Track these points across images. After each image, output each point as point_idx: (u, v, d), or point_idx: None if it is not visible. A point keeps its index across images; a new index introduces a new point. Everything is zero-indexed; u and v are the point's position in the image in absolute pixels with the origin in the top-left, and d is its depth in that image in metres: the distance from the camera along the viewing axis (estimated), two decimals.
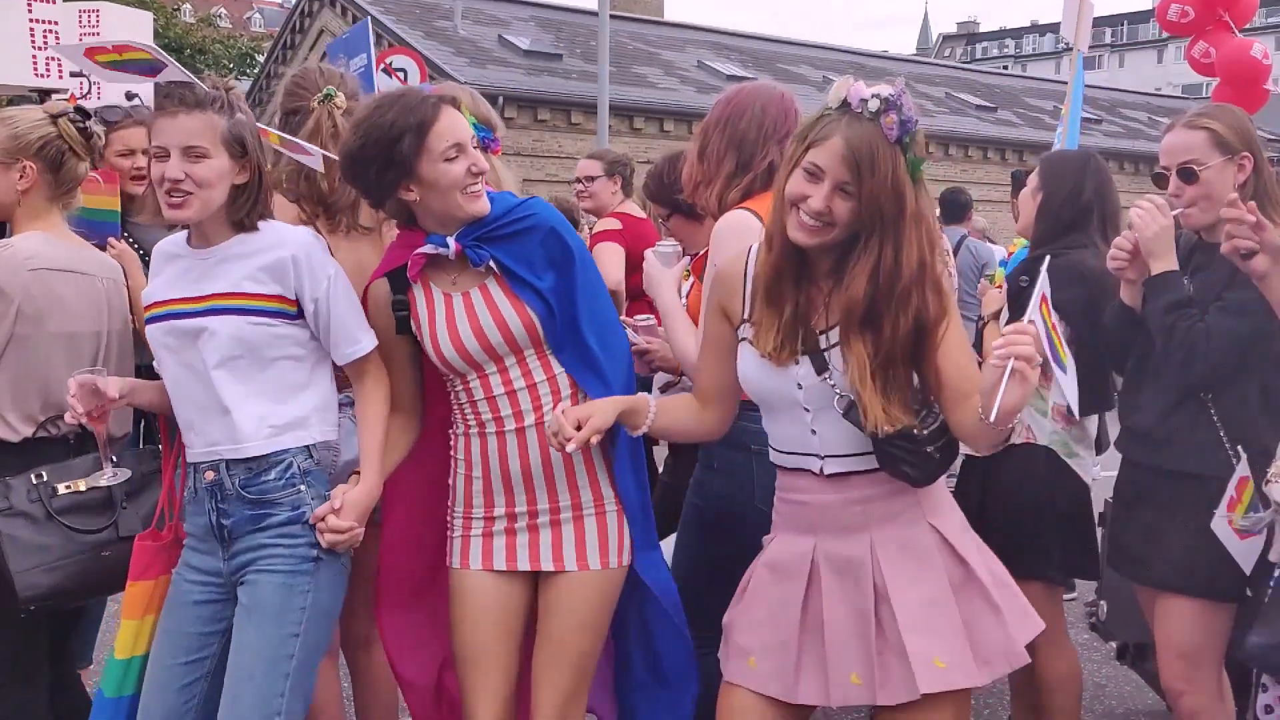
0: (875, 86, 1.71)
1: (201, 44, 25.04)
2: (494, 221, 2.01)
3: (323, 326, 2.03)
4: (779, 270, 1.80)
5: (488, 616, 2.05)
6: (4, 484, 2.16)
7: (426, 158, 1.93)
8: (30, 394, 2.19)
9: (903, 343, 1.74)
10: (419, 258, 2.01)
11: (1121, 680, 3.64)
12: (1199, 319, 2.20)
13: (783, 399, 1.85)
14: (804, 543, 1.86)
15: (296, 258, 2.00)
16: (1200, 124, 2.29)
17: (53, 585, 2.12)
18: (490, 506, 2.07)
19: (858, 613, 1.79)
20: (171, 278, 2.03)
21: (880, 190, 1.69)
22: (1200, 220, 2.31)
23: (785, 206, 1.76)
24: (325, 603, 2.02)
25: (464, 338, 2.01)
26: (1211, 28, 5.91)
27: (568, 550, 2.04)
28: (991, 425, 1.62)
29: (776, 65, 22.08)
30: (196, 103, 1.94)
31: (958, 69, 30.35)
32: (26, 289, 2.17)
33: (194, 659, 2.00)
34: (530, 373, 2.03)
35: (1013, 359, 1.55)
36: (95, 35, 5.43)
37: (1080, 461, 2.64)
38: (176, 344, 1.99)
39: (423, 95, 1.98)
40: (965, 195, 7.67)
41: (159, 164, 1.93)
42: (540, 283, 2.00)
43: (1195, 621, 2.27)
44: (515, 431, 2.03)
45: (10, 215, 2.30)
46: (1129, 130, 24.47)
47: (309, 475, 2.03)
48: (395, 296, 2.06)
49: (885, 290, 1.72)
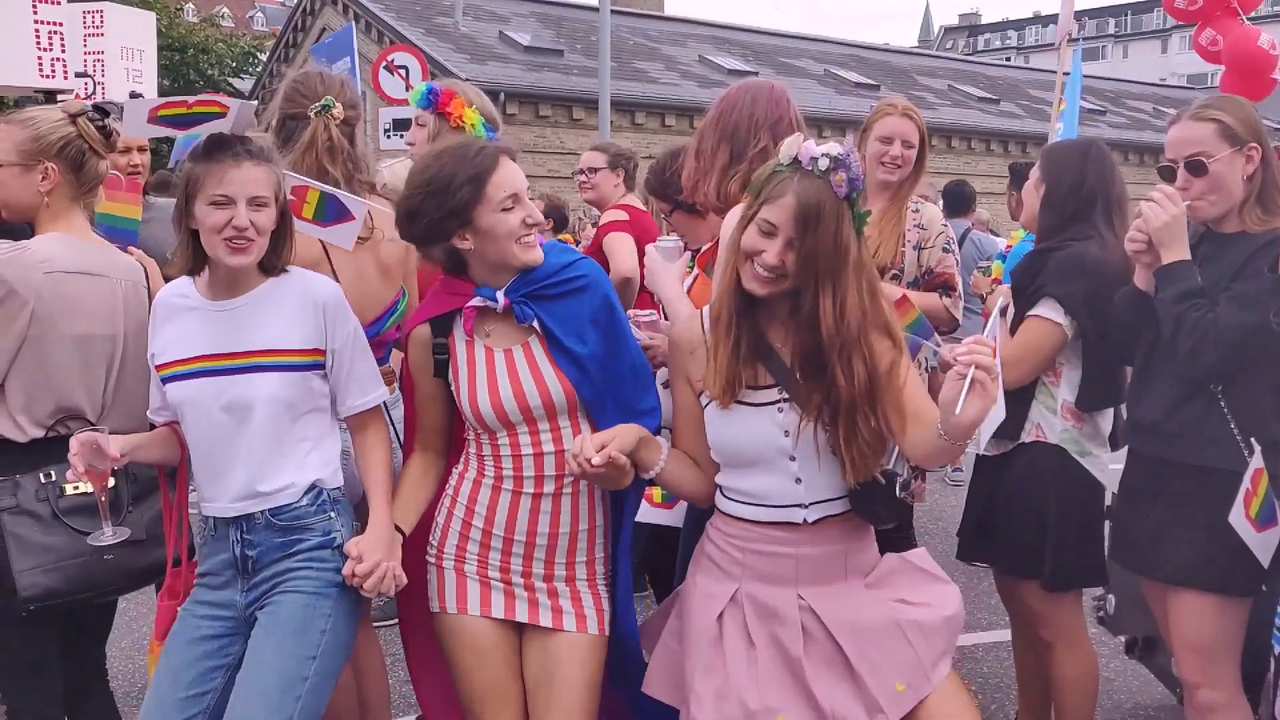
0: (825, 146, 1.80)
1: (204, 43, 25.04)
2: (544, 279, 2.01)
3: (337, 376, 2.05)
4: (734, 309, 1.88)
5: (496, 652, 2.04)
6: (13, 482, 2.16)
7: (484, 207, 1.94)
8: (43, 396, 2.18)
9: (861, 391, 1.82)
10: (472, 310, 2.01)
11: (1130, 674, 3.63)
12: (1209, 309, 2.18)
13: (766, 450, 1.89)
14: (780, 593, 1.91)
15: (327, 307, 2.03)
16: (1208, 115, 2.26)
17: (53, 586, 2.12)
18: (484, 560, 2.06)
19: (837, 655, 1.87)
20: (193, 331, 2.02)
21: (822, 245, 1.79)
22: (1209, 213, 2.30)
23: (740, 258, 1.85)
24: (343, 633, 2.02)
25: (503, 397, 2.00)
26: (1219, 14, 5.87)
27: (566, 612, 2.04)
28: (949, 440, 1.71)
29: (778, 59, 22.04)
30: (261, 155, 1.98)
31: (960, 61, 30.27)
32: (39, 291, 2.16)
33: (195, 693, 1.98)
34: (561, 438, 2.02)
35: (973, 368, 1.60)
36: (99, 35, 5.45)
37: (1093, 460, 2.60)
38: (210, 401, 1.98)
39: (481, 145, 2.00)
40: (969, 187, 7.64)
41: (221, 211, 1.93)
42: (582, 349, 2.00)
43: (1210, 617, 2.25)
44: (533, 496, 2.02)
45: (34, 216, 2.29)
46: (1134, 121, 24.39)
47: (337, 504, 2.06)
48: (436, 340, 2.06)
49: (829, 341, 1.80)
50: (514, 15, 20.05)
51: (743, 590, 1.95)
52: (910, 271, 3.09)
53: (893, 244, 3.05)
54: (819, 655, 1.87)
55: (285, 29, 21.98)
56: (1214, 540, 2.15)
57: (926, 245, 3.11)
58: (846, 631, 1.87)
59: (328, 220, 2.27)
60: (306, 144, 2.34)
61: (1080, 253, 2.52)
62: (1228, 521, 2.09)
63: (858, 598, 1.92)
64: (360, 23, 18.88)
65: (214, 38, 25.97)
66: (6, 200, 2.29)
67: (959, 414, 1.62)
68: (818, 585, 1.91)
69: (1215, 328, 2.15)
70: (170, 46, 21.95)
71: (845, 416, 1.82)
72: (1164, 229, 2.23)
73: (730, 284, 1.88)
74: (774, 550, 1.92)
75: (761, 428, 1.89)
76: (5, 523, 2.12)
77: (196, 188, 1.94)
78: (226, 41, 26.46)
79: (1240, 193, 2.26)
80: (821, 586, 1.91)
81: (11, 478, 2.16)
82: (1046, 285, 2.53)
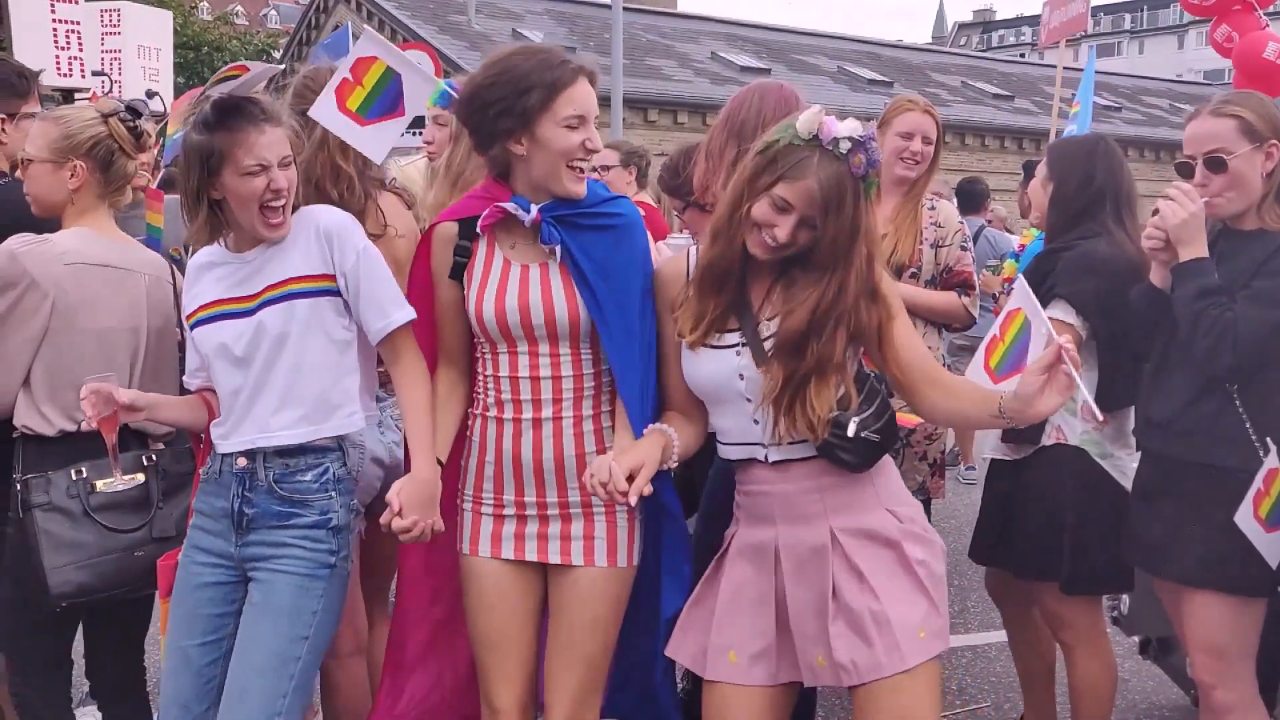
0: (846, 125, 1.78)
1: (219, 41, 25.15)
2: (579, 206, 1.97)
3: (353, 301, 2.04)
4: (724, 268, 1.88)
5: (504, 602, 2.04)
6: (45, 478, 2.18)
7: (548, 118, 1.90)
8: (67, 389, 2.20)
9: (836, 358, 1.84)
10: (497, 210, 1.99)
11: (1145, 675, 3.61)
12: (1228, 307, 2.16)
13: (725, 391, 1.91)
14: (765, 532, 1.92)
15: (327, 230, 2.02)
16: (1228, 111, 2.24)
17: (84, 583, 2.14)
18: (499, 493, 2.05)
19: (819, 599, 1.86)
20: (215, 282, 2.05)
21: (841, 230, 1.80)
22: (1228, 210, 2.28)
23: (747, 224, 1.84)
24: (334, 608, 2.05)
25: (507, 307, 1.98)
26: (1235, 9, 5.82)
27: (575, 545, 2.01)
28: (1006, 419, 1.77)
29: (791, 56, 21.98)
30: (276, 115, 1.98)
31: (974, 57, 30.09)
32: (60, 283, 2.19)
33: (210, 640, 2.02)
34: (559, 365, 2.00)
35: (1067, 363, 1.67)
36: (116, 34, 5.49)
37: (1115, 462, 2.57)
38: (227, 341, 2.01)
39: (563, 57, 1.95)
40: (981, 185, 7.61)
41: (256, 179, 1.92)
42: (601, 284, 1.96)
43: (1224, 617, 2.23)
44: (531, 422, 2.00)
45: (61, 212, 2.32)
46: (1149, 117, 24.21)
47: (340, 483, 2.06)
48: (460, 242, 2.04)
49: (819, 322, 1.83)
50: (527, 12, 20.07)
51: (739, 533, 1.97)
52: (928, 270, 3.09)
53: (910, 242, 3.05)
54: (796, 593, 1.88)
55: (299, 26, 22.06)
56: (1228, 540, 2.13)
57: (944, 243, 3.10)
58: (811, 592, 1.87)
59: (373, 115, 2.21)
60: (319, 141, 2.34)
61: (1089, 251, 2.51)
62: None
63: (826, 568, 1.87)
64: (374, 20, 18.93)
65: (228, 35, 26.10)
66: (37, 195, 2.33)
67: (1040, 405, 1.72)
68: (796, 525, 1.90)
69: (1234, 326, 2.13)
70: (185, 45, 22.05)
71: (800, 383, 1.82)
72: (1182, 226, 2.21)
73: (731, 246, 1.87)
74: (755, 489, 1.94)
75: (722, 368, 1.90)
76: (38, 520, 2.14)
77: (221, 160, 1.92)
78: (241, 39, 26.58)
79: (1259, 190, 2.24)
80: (800, 526, 1.89)
81: (44, 474, 2.18)
82: (1056, 286, 2.51)
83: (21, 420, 2.23)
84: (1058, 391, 1.70)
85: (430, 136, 3.01)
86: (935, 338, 3.17)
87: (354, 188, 2.38)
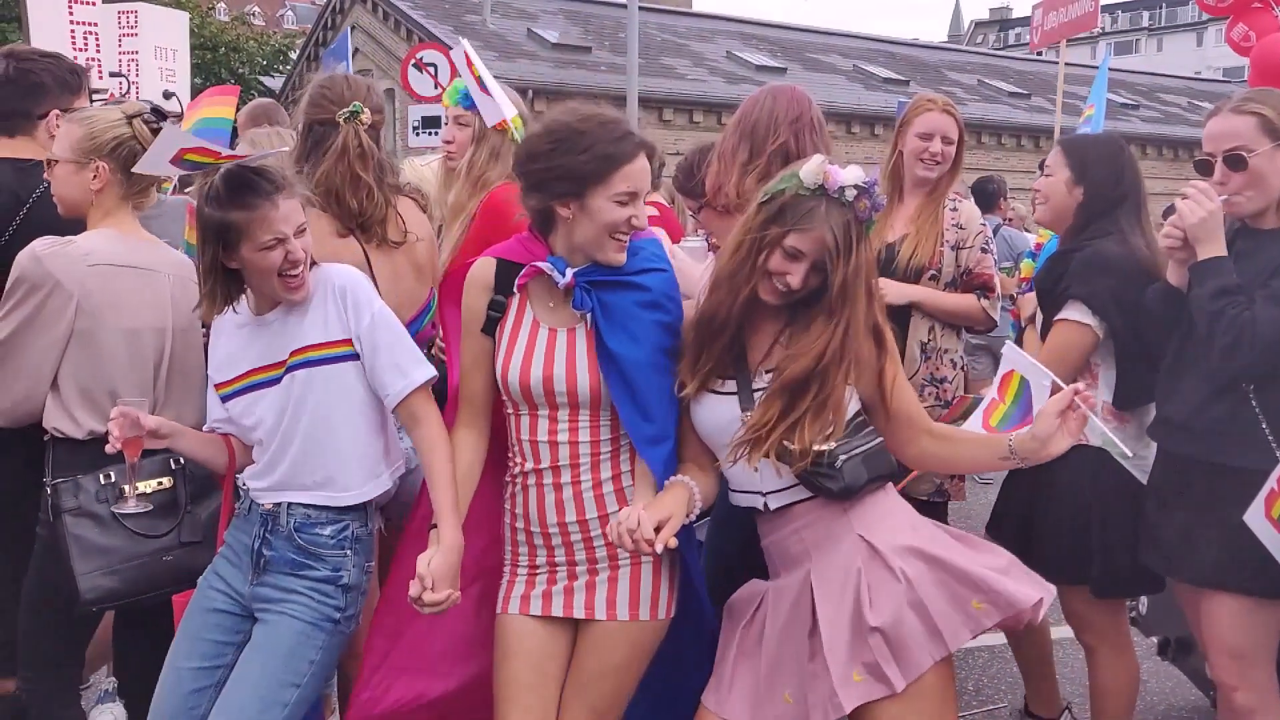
0: (849, 173, 1.87)
1: (235, 42, 25.29)
2: (615, 274, 1.98)
3: (369, 364, 2.04)
4: (724, 317, 1.92)
5: (527, 658, 2.03)
6: (74, 482, 2.18)
7: (602, 190, 1.91)
8: (96, 391, 2.22)
9: (837, 397, 1.89)
10: (534, 269, 2.00)
11: (1163, 676, 3.58)
12: (1246, 307, 2.14)
13: (727, 436, 1.94)
14: (789, 578, 1.98)
15: (341, 290, 2.03)
16: (1249, 109, 2.22)
17: (113, 587, 2.16)
18: (533, 556, 2.07)
19: (798, 638, 1.91)
20: (242, 347, 2.06)
21: (850, 275, 1.88)
22: (1247, 208, 2.26)
23: (760, 274, 1.90)
24: (329, 665, 2.07)
25: (533, 376, 1.99)
26: (1257, 5, 5.75)
27: (599, 600, 2.01)
28: (1015, 459, 1.87)
29: (806, 55, 21.93)
30: (287, 185, 1.98)
31: (990, 55, 29.95)
32: (84, 285, 2.20)
33: (207, 665, 2.02)
34: (578, 430, 2.00)
35: (1083, 406, 1.79)
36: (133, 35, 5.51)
37: (1136, 461, 2.52)
38: (261, 411, 2.03)
39: (626, 130, 1.97)
40: (994, 184, 7.57)
41: (274, 252, 1.93)
42: (624, 349, 1.95)
43: (1243, 619, 2.21)
44: (552, 486, 2.01)
45: (84, 213, 2.33)
46: (1167, 115, 24.02)
47: (359, 543, 2.08)
48: (496, 297, 2.04)
49: (825, 369, 1.88)
50: (542, 12, 20.08)
51: (775, 582, 2.00)
52: (948, 272, 3.06)
53: (931, 244, 3.02)
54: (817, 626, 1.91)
55: (316, 27, 22.15)
56: (1245, 541, 2.11)
57: (965, 245, 3.06)
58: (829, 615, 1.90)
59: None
60: (339, 151, 2.35)
61: (1101, 251, 2.49)
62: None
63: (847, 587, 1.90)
64: (389, 20, 19.00)
65: (245, 36, 26.23)
66: (62, 196, 2.34)
67: (1054, 445, 1.83)
68: (787, 570, 1.98)
69: (1253, 325, 2.11)
70: (202, 45, 22.17)
71: (795, 423, 1.86)
72: (1200, 225, 2.19)
73: (733, 296, 1.91)
74: (778, 535, 1.98)
75: (724, 413, 1.95)
76: (67, 524, 2.15)
77: (239, 236, 1.93)
78: (258, 40, 26.71)
79: (1279, 189, 2.22)
80: (787, 572, 1.97)
81: (73, 478, 2.18)
82: (1071, 287, 2.50)
83: (51, 423, 2.24)
84: (1069, 434, 1.83)
85: (450, 136, 3.00)
86: (954, 339, 3.12)
87: (373, 195, 2.38)
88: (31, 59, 2.67)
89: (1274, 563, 2.11)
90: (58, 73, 2.69)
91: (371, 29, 19.39)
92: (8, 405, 2.25)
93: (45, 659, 2.35)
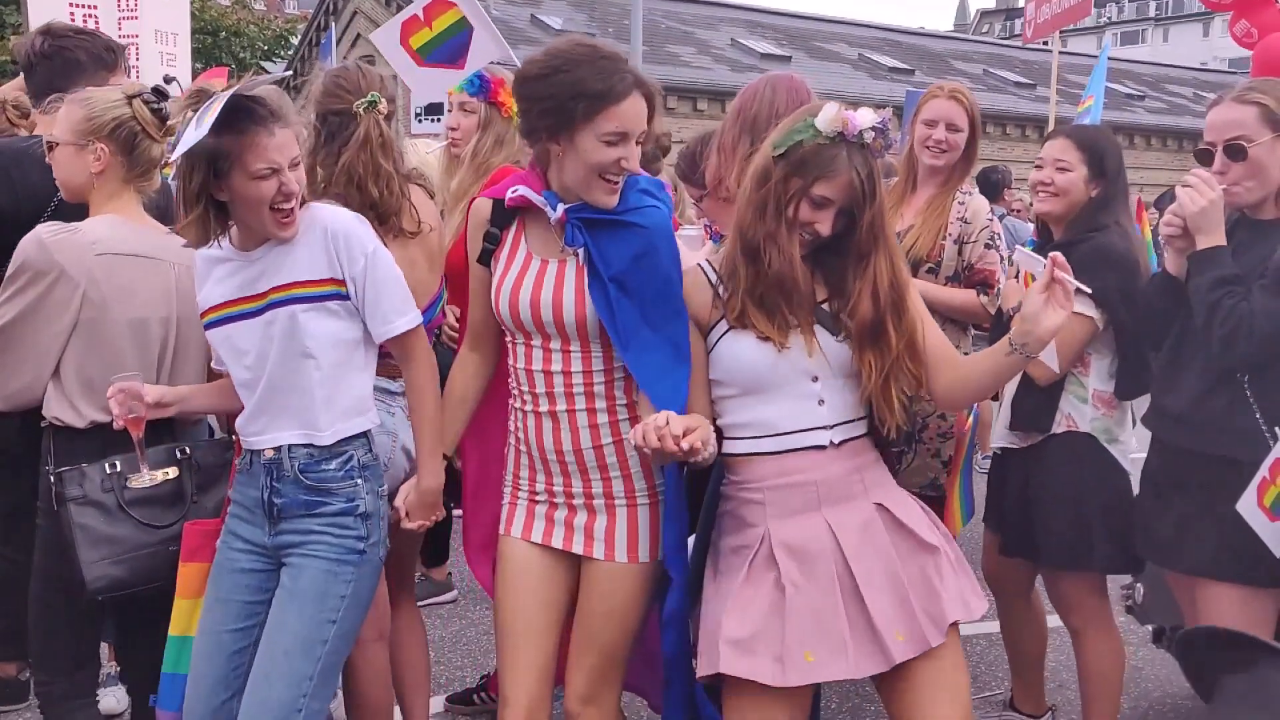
0: (863, 115, 1.88)
1: (236, 26, 25.18)
2: (608, 212, 1.97)
3: (359, 305, 2.04)
4: (792, 276, 1.91)
5: (528, 587, 2.06)
6: (79, 471, 2.16)
7: (589, 129, 1.88)
8: (100, 381, 2.17)
9: (909, 348, 1.92)
10: (522, 199, 2.00)
11: (1158, 663, 3.60)
12: (1244, 297, 2.14)
13: (789, 374, 1.92)
14: (809, 521, 1.92)
15: (334, 233, 2.01)
16: (1251, 99, 2.22)
17: (120, 577, 2.15)
18: (533, 481, 2.09)
19: (885, 574, 1.90)
20: (222, 280, 2.05)
21: (878, 213, 1.90)
22: (1246, 199, 2.26)
23: (788, 231, 1.90)
24: (363, 594, 2.06)
25: (520, 301, 2.01)
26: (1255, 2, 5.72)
27: (597, 539, 2.03)
28: (1022, 354, 1.83)
29: (811, 43, 21.85)
30: (285, 115, 1.94)
31: (996, 45, 29.83)
32: (91, 274, 2.17)
33: (242, 627, 2.04)
34: (569, 360, 2.01)
35: (1060, 271, 1.76)
36: (134, 19, 5.49)
37: (1120, 447, 2.59)
38: (239, 343, 2.03)
39: (622, 68, 1.90)
40: (999, 174, 7.56)
41: (266, 182, 1.90)
42: (618, 289, 1.95)
43: (1237, 609, 2.22)
44: (548, 414, 2.03)
45: (85, 197, 2.29)
46: (1173, 106, 23.93)
47: (367, 470, 2.08)
48: (490, 229, 2.07)
49: (888, 304, 1.90)
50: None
51: (770, 535, 1.92)
52: (949, 266, 3.00)
53: (931, 236, 2.98)
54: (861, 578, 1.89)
55: (316, 12, 22.08)
56: (1240, 532, 2.12)
57: (969, 240, 3.01)
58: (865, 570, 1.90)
59: (433, 60, 2.19)
60: (361, 141, 2.33)
61: (1104, 245, 2.50)
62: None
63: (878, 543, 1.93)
64: (391, 5, 18.93)
65: (246, 21, 26.11)
66: (64, 180, 2.30)
67: (1046, 321, 1.78)
68: (840, 505, 1.92)
69: (1251, 316, 2.12)
70: (203, 30, 22.07)
71: (894, 369, 1.91)
72: (1200, 214, 2.19)
73: (785, 254, 1.89)
74: (794, 480, 1.93)
75: (784, 354, 1.92)
76: (72, 513, 2.13)
77: (229, 163, 1.90)
78: (259, 24, 26.59)
79: (1279, 179, 2.22)
80: (844, 507, 1.93)
81: (78, 467, 2.16)
82: None
83: (52, 412, 2.21)
84: (1058, 303, 1.78)
85: (455, 123, 2.99)
86: (962, 336, 3.07)
87: (393, 186, 2.37)
88: (67, 35, 2.63)
89: (1269, 553, 2.12)
90: (94, 49, 2.65)
91: (374, 14, 19.32)
92: (9, 392, 2.23)
93: (60, 661, 2.32)
